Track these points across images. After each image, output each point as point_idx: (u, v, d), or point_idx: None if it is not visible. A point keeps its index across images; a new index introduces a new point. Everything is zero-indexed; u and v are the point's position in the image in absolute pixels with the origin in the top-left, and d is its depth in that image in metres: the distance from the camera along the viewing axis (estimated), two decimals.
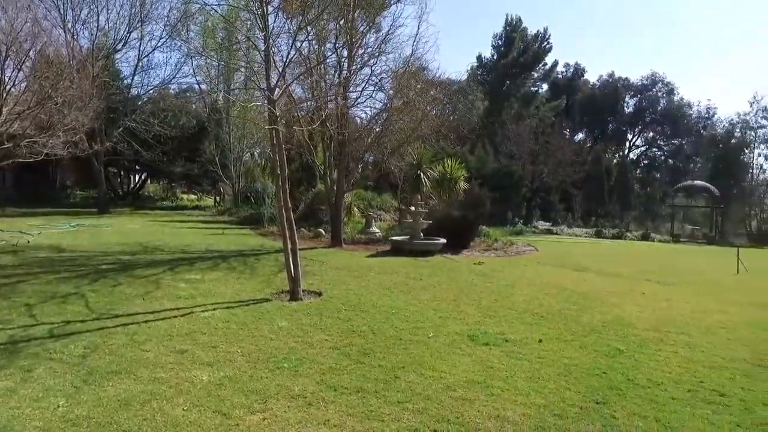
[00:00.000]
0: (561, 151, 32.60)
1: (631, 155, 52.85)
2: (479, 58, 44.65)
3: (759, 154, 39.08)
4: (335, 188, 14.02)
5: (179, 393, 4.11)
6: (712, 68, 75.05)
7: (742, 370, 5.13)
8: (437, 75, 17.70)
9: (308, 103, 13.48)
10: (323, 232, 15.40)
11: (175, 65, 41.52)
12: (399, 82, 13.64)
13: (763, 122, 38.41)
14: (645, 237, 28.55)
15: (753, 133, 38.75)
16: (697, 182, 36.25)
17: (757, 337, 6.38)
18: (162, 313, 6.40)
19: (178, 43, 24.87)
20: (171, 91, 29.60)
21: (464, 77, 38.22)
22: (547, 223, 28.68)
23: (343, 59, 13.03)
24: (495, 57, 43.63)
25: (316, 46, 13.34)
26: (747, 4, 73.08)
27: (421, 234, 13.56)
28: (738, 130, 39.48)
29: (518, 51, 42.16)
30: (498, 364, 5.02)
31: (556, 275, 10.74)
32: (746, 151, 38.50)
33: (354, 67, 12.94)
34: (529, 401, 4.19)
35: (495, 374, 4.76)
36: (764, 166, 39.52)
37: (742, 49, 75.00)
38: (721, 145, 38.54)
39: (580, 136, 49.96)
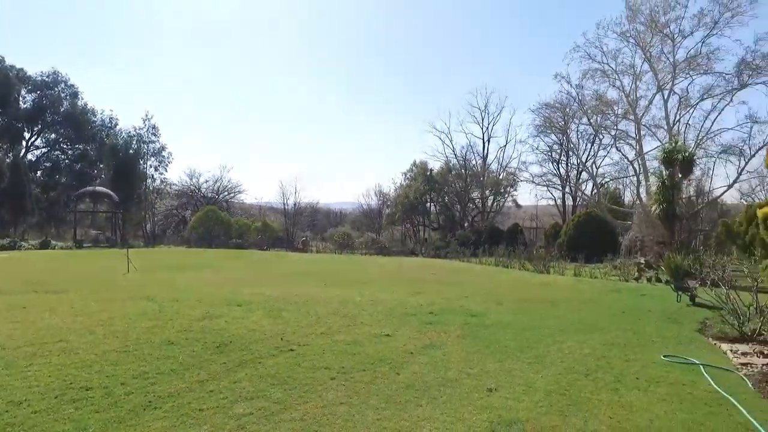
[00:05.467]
0: None
1: (30, 156, 48.33)
2: None
3: (150, 165, 44.68)
4: None
5: None
6: (115, 80, 79.26)
7: (110, 360, 5.63)
8: None
9: None
10: None
11: None
12: None
13: (153, 138, 44.18)
14: (45, 245, 26.79)
15: (146, 147, 43.80)
16: (99, 188, 37.35)
17: (128, 327, 7.19)
18: None
19: None
20: None
21: None
22: None
23: None
24: None
25: None
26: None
27: None
28: (135, 142, 43.51)
29: None
30: None
31: None
32: (141, 161, 43.02)
33: None
34: None
35: None
36: (155, 176, 45.55)
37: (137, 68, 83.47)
38: (121, 154, 41.23)
39: None
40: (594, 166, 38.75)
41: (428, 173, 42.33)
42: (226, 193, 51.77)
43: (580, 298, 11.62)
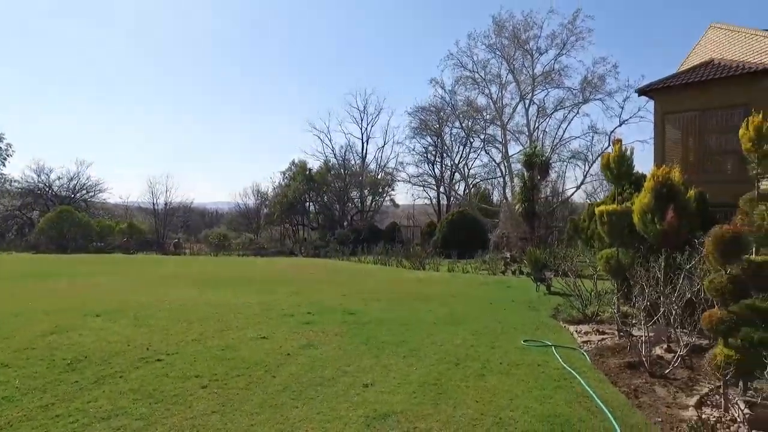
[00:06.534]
0: None
1: None
2: None
3: None
4: None
5: None
6: None
7: None
8: None
9: None
10: None
11: None
12: None
13: None
14: None
15: None
16: None
17: None
18: None
19: None
20: None
21: None
22: None
23: None
24: None
25: None
26: None
27: None
28: None
29: None
30: None
31: None
32: None
33: None
34: None
35: None
36: None
37: None
38: None
39: None
40: (466, 167, 41.53)
41: (307, 173, 41.96)
42: (84, 191, 46.50)
43: (453, 292, 12.34)
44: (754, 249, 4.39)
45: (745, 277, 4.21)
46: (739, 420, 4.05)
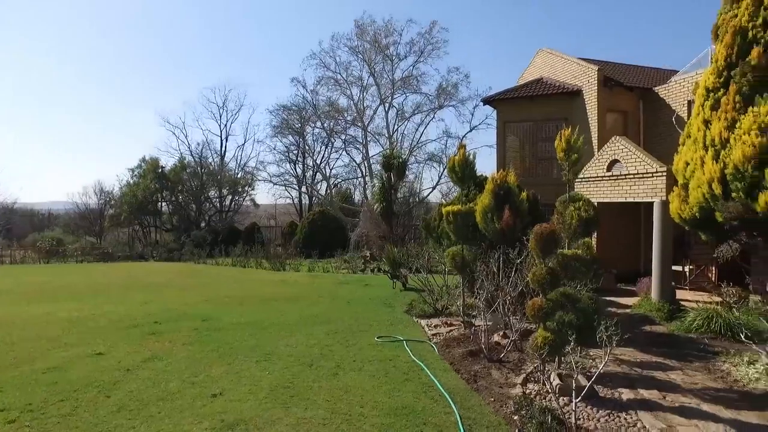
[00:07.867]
0: None
1: None
2: None
3: None
4: None
5: None
6: None
7: None
8: None
9: None
10: None
11: None
12: None
13: None
14: None
15: None
16: None
17: None
18: None
19: None
20: None
21: None
22: None
23: None
24: None
25: None
26: None
27: None
28: None
29: None
30: None
31: None
32: None
33: None
34: None
35: None
36: None
37: None
38: None
39: None
40: (328, 167, 41.71)
41: (160, 170, 38.66)
42: None
43: (312, 292, 12.30)
44: (566, 244, 5.07)
45: (559, 268, 4.84)
46: (551, 391, 4.64)
